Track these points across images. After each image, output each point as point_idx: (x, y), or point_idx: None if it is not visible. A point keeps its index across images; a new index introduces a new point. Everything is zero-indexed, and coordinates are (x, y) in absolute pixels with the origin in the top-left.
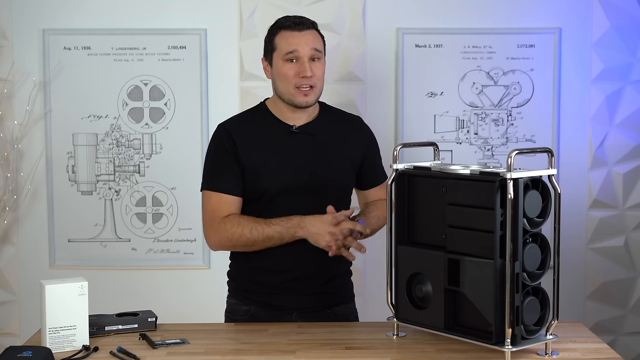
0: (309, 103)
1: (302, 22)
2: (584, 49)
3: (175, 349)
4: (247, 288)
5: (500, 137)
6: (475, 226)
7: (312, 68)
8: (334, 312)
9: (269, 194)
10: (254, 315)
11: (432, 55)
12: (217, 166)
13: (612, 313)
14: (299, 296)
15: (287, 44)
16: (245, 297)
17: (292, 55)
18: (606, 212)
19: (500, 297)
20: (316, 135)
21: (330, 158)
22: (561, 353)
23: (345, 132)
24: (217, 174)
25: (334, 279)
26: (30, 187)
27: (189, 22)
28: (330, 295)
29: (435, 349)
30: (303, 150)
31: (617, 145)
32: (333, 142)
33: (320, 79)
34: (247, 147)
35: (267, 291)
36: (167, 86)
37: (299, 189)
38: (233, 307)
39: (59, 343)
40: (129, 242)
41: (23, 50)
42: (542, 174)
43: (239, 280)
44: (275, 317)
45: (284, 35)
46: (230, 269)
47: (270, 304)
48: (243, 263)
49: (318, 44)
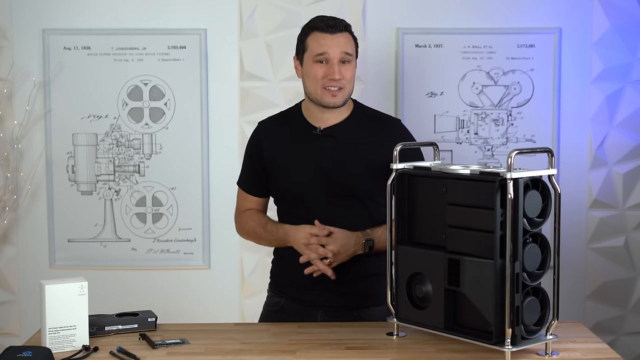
0: (337, 104)
1: (335, 25)
2: (584, 49)
3: (175, 349)
4: (282, 283)
5: (500, 137)
6: (475, 226)
7: (341, 71)
8: (360, 315)
9: (288, 193)
10: (283, 307)
11: (432, 55)
12: (244, 164)
13: (612, 313)
14: (325, 293)
15: (318, 45)
16: (280, 290)
17: (322, 57)
18: (606, 212)
19: (500, 297)
20: (339, 138)
21: (349, 163)
22: (561, 353)
23: (375, 135)
24: (243, 171)
25: (362, 281)
26: (30, 187)
27: (188, 22)
28: (357, 297)
29: (435, 349)
30: (321, 153)
31: (617, 145)
32: (357, 145)
33: (349, 81)
34: (271, 146)
35: (297, 286)
36: (167, 86)
37: (314, 191)
38: (269, 299)
39: (59, 343)
40: (129, 242)
41: (23, 50)
42: (542, 174)
43: (278, 277)
44: (302, 312)
45: (316, 36)
46: (272, 266)
47: (299, 299)
48: (281, 261)
49: (349, 47)
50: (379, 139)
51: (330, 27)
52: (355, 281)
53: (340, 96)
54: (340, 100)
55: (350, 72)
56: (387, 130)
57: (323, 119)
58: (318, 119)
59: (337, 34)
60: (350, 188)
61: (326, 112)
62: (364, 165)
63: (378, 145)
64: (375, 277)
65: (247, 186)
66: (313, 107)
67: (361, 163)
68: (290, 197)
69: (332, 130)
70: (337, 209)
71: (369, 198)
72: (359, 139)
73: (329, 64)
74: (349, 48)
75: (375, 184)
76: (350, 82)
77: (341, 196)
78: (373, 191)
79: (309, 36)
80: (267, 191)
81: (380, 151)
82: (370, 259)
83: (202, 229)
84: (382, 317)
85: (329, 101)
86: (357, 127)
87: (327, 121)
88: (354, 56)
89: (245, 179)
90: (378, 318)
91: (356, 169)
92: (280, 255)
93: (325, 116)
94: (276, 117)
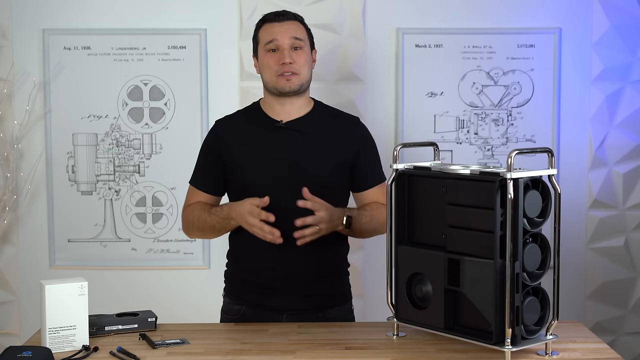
0: (292, 87)
1: (283, 14)
2: (584, 49)
3: (175, 349)
4: (239, 287)
5: (500, 137)
6: (475, 226)
7: (292, 55)
8: (325, 316)
9: (251, 187)
10: (244, 315)
11: (432, 55)
12: (198, 162)
13: (612, 313)
14: (288, 297)
15: (268, 34)
16: (237, 296)
17: (272, 45)
18: (606, 212)
19: (500, 297)
20: (303, 131)
21: (313, 155)
22: (561, 353)
23: (336, 131)
24: (197, 169)
25: (325, 280)
26: (30, 187)
27: (188, 22)
28: (322, 298)
29: (435, 349)
30: (286, 145)
31: (617, 145)
32: (320, 139)
33: (303, 66)
34: (232, 142)
35: (257, 291)
36: (167, 86)
37: (279, 184)
38: (227, 306)
39: (59, 343)
40: (129, 242)
41: (23, 50)
42: (542, 174)
43: (233, 280)
44: (265, 318)
45: (265, 27)
46: (226, 269)
47: (260, 304)
48: (236, 263)
49: (299, 33)
50: (341, 134)
51: (278, 15)
52: (318, 282)
53: (296, 80)
54: (296, 84)
55: (302, 57)
56: (348, 126)
57: (284, 112)
58: (279, 112)
59: (285, 21)
60: (313, 179)
61: (286, 104)
62: (328, 159)
63: (341, 140)
64: (337, 277)
65: (198, 182)
66: (272, 100)
67: (325, 155)
68: (252, 191)
69: (294, 123)
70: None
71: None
72: (321, 133)
73: (280, 51)
74: (299, 33)
75: (338, 178)
76: (304, 67)
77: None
78: (336, 185)
79: (260, 29)
80: (219, 189)
81: (342, 146)
82: (330, 259)
83: None
84: (345, 316)
85: (284, 85)
86: (319, 122)
87: (289, 115)
88: (306, 42)
89: (198, 175)
90: (342, 317)
91: (321, 161)
92: (234, 255)
93: (285, 109)
94: (235, 114)
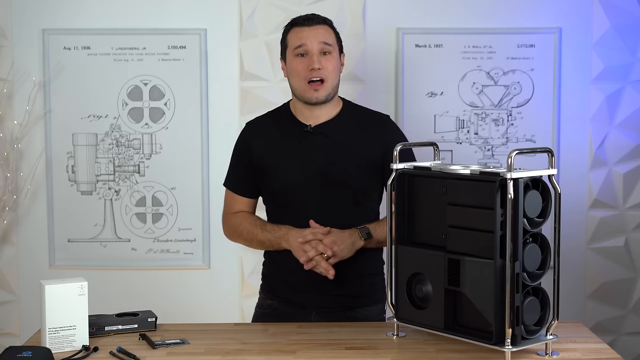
0: (319, 99)
1: (313, 18)
2: (584, 49)
3: (175, 349)
4: (273, 284)
5: (501, 137)
6: (475, 226)
7: (321, 61)
8: (353, 315)
9: (280, 193)
10: (276, 309)
11: (432, 55)
12: (232, 165)
13: (612, 313)
14: (318, 295)
15: (297, 38)
16: (271, 292)
17: (301, 50)
18: (606, 212)
19: (500, 297)
20: (331, 134)
21: (342, 158)
22: (561, 353)
23: (365, 131)
24: (231, 173)
25: (355, 281)
26: (30, 187)
27: (188, 22)
28: (351, 297)
29: (435, 349)
30: (314, 150)
31: (617, 145)
32: (349, 141)
33: (331, 73)
34: (261, 146)
35: (289, 289)
36: (167, 86)
37: (307, 190)
38: (261, 301)
39: (59, 343)
40: (129, 242)
41: (23, 50)
42: (542, 174)
43: (269, 279)
44: (294, 313)
45: (294, 31)
46: (263, 267)
47: (291, 301)
48: (272, 263)
49: (329, 38)
50: (370, 134)
51: (307, 20)
52: (349, 281)
53: (323, 90)
54: (323, 94)
55: (331, 63)
56: (378, 126)
57: (312, 117)
58: (307, 116)
59: (314, 26)
60: (343, 185)
61: (314, 110)
62: (357, 161)
63: (369, 140)
64: (369, 277)
65: (237, 187)
66: (301, 105)
67: (354, 160)
68: (282, 196)
69: (323, 127)
70: (330, 208)
71: (362, 195)
72: (350, 136)
73: (309, 56)
74: (329, 39)
75: (369, 180)
76: (333, 74)
77: (335, 194)
78: (367, 188)
79: (289, 32)
80: (256, 192)
81: (371, 147)
82: (364, 260)
83: (202, 229)
84: (375, 317)
85: (311, 96)
86: (347, 123)
87: (317, 119)
88: (335, 47)
89: (234, 180)
90: (371, 318)
91: (349, 165)
92: (272, 256)
93: (314, 113)
94: (265, 116)
